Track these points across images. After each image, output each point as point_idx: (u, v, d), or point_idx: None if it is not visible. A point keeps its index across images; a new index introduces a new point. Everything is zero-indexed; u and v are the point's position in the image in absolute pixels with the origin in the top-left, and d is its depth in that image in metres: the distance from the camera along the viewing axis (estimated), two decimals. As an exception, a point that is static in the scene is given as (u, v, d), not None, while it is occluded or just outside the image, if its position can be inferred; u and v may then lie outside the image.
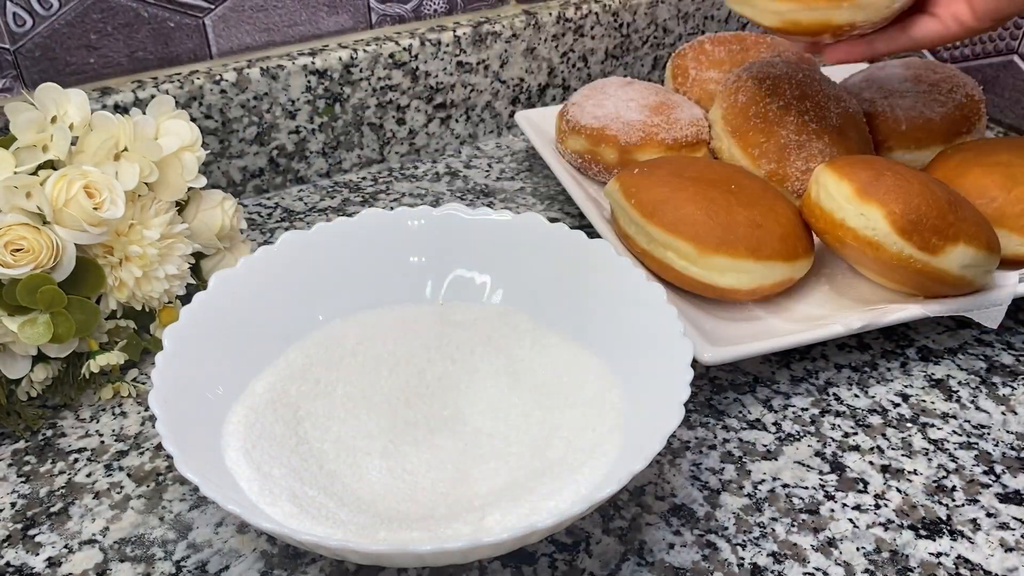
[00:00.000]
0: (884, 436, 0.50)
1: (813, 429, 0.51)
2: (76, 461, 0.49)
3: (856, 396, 0.53)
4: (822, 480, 0.47)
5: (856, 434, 0.50)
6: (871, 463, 0.48)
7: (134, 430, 0.51)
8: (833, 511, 0.46)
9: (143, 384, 0.53)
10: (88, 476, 0.48)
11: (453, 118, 0.78)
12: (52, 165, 0.50)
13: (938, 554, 0.44)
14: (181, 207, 0.56)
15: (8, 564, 0.43)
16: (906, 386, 0.54)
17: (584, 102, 0.68)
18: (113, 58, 0.65)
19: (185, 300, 0.48)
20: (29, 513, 0.46)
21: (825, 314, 0.55)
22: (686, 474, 0.48)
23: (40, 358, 0.50)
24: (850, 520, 0.45)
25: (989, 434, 0.50)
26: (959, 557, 0.43)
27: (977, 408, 0.52)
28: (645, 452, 0.38)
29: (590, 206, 0.62)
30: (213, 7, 0.67)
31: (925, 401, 0.53)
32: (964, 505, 0.46)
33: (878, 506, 0.46)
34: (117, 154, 0.51)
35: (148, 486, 0.47)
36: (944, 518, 0.45)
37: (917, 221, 0.50)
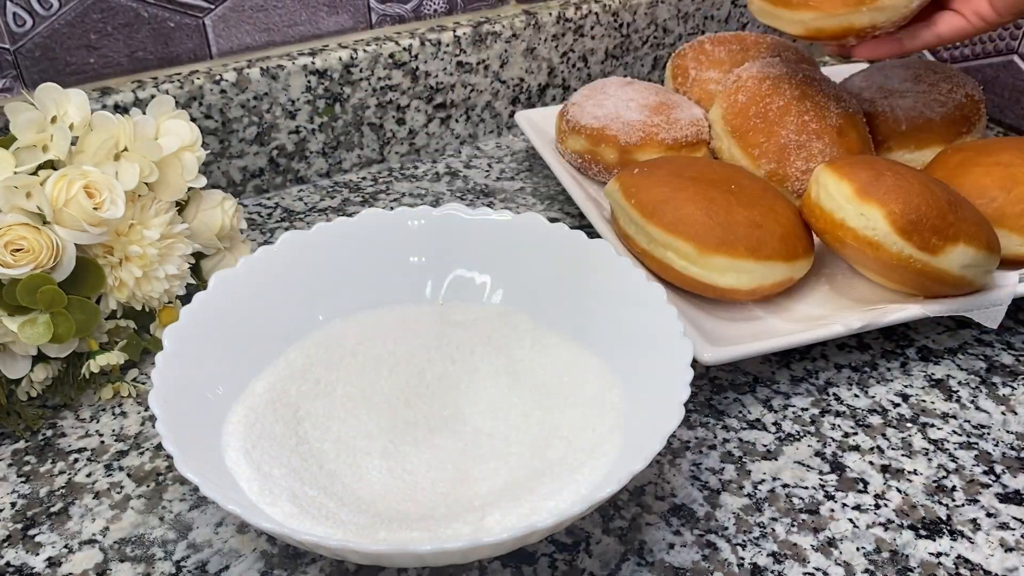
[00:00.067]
0: (884, 436, 0.50)
1: (813, 429, 0.51)
2: (76, 461, 0.49)
3: (856, 396, 0.53)
4: (822, 480, 0.47)
5: (856, 434, 0.50)
6: (871, 463, 0.48)
7: (134, 430, 0.51)
8: (833, 511, 0.46)
9: (143, 384, 0.53)
10: (88, 476, 0.48)
11: (453, 118, 0.78)
12: (52, 165, 0.50)
13: (938, 554, 0.44)
14: (181, 207, 0.56)
15: (8, 564, 0.43)
16: (906, 386, 0.54)
17: (584, 102, 0.68)
18: (113, 58, 0.65)
19: (185, 300, 0.48)
20: (29, 513, 0.46)
21: (825, 314, 0.55)
22: (686, 474, 0.48)
23: (40, 358, 0.50)
24: (850, 520, 0.45)
25: (989, 434, 0.50)
26: (959, 557, 0.43)
27: (977, 408, 0.52)
28: (645, 452, 0.38)
29: (590, 206, 0.62)
30: (213, 7, 0.67)
31: (925, 401, 0.53)
32: (964, 505, 0.46)
33: (878, 506, 0.46)
34: (117, 154, 0.51)
35: (148, 486, 0.47)
36: (944, 518, 0.45)
37: (917, 221, 0.50)
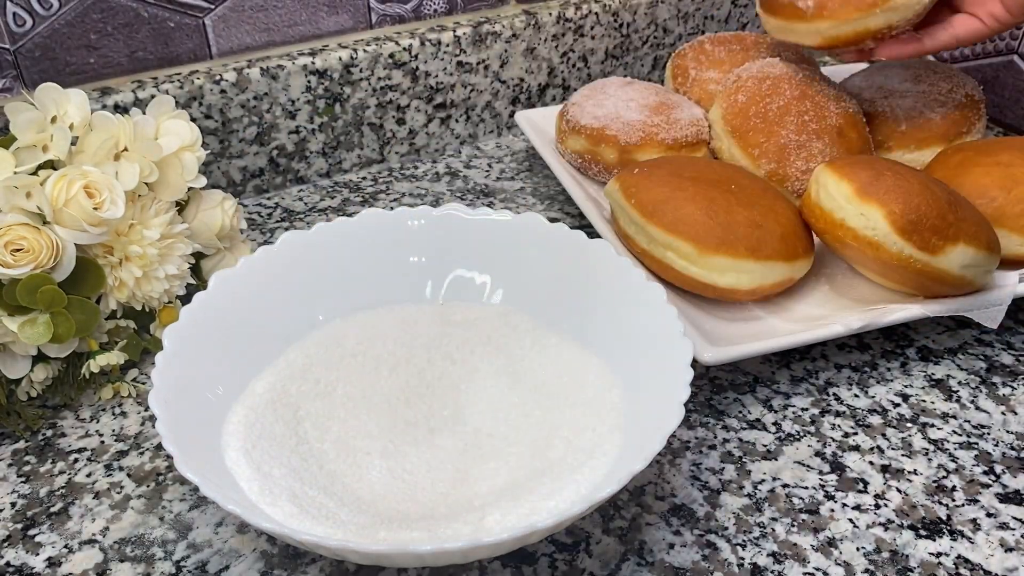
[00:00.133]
0: (884, 436, 0.50)
1: (813, 429, 0.51)
2: (76, 461, 0.49)
3: (856, 396, 0.53)
4: (822, 480, 0.47)
5: (856, 434, 0.50)
6: (871, 463, 0.48)
7: (134, 430, 0.51)
8: (833, 511, 0.46)
9: (143, 384, 0.53)
10: (88, 476, 0.48)
11: (453, 118, 0.78)
12: (52, 165, 0.50)
13: (938, 554, 0.44)
14: (181, 207, 0.56)
15: (8, 564, 0.43)
16: (906, 386, 0.54)
17: (584, 102, 0.68)
18: (113, 58, 0.65)
19: (185, 300, 0.48)
20: (29, 513, 0.46)
21: (825, 314, 0.55)
22: (686, 474, 0.48)
23: (40, 358, 0.50)
24: (850, 520, 0.45)
25: (989, 434, 0.50)
26: (959, 557, 0.43)
27: (977, 408, 0.52)
28: (645, 452, 0.38)
29: (590, 206, 0.62)
30: (213, 7, 0.67)
31: (925, 401, 0.53)
32: (964, 505, 0.46)
33: (878, 506, 0.46)
34: (117, 154, 0.51)
35: (148, 486, 0.47)
36: (944, 518, 0.45)
37: (917, 221, 0.50)
